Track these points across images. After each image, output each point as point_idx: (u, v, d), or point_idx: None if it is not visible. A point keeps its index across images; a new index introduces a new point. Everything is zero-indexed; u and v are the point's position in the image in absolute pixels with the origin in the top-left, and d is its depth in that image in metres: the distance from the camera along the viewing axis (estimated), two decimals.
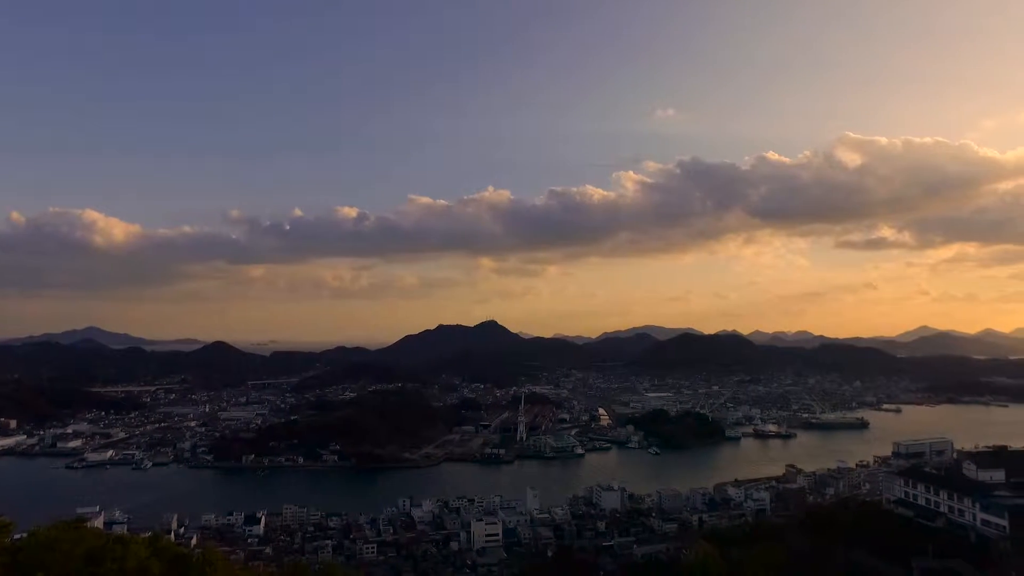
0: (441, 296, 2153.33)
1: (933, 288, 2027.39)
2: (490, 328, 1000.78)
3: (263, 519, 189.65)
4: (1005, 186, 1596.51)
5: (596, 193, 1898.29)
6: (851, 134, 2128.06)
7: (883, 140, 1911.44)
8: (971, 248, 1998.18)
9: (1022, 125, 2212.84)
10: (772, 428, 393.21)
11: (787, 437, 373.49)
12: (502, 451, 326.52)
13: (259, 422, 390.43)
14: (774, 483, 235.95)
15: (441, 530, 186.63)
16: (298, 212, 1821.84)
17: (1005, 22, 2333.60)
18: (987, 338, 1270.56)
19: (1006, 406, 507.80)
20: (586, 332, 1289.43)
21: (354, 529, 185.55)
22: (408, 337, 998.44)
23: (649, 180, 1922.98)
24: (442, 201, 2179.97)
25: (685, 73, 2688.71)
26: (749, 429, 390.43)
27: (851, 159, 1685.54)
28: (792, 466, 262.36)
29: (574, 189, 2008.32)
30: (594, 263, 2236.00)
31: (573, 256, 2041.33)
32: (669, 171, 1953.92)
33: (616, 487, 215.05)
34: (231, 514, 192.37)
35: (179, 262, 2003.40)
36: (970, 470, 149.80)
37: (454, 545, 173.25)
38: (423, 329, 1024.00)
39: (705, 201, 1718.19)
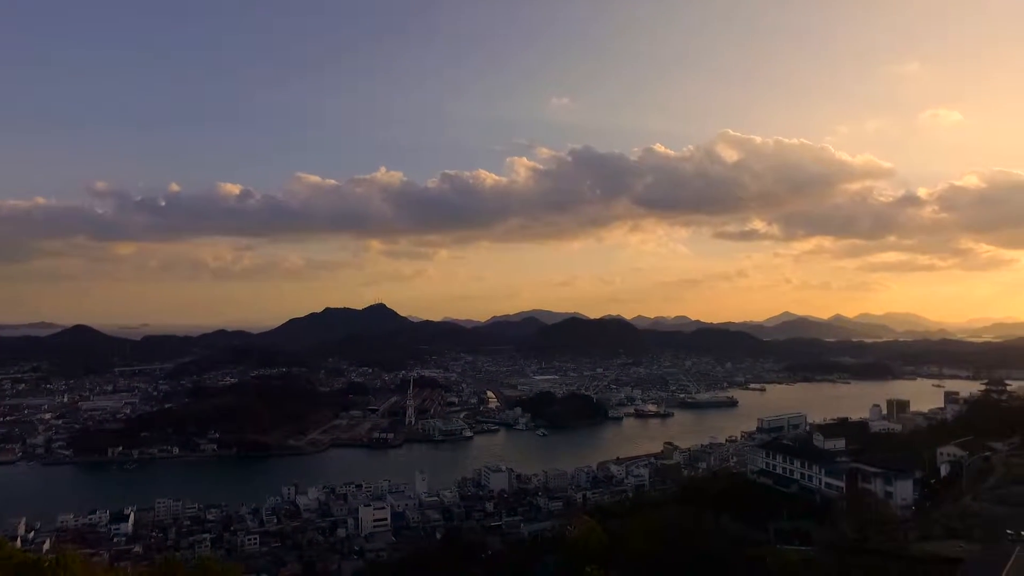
0: (329, 278, 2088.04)
1: (795, 277, 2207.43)
2: (379, 311, 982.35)
3: (132, 516, 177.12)
4: (854, 187, 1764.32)
5: (489, 178, 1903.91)
6: (731, 131, 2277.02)
7: (758, 139, 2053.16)
8: (827, 241, 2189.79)
9: (869, 132, 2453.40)
10: (651, 408, 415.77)
11: (665, 416, 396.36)
12: (391, 435, 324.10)
13: (128, 411, 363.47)
14: (653, 459, 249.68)
15: (328, 517, 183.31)
16: (175, 187, 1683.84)
17: (861, 36, 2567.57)
18: (836, 323, 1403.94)
19: (848, 383, 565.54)
20: (476, 316, 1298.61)
21: (235, 521, 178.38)
22: (293, 320, 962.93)
23: (541, 167, 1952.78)
24: (331, 180, 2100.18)
25: (581, 64, 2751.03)
26: (630, 409, 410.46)
27: (730, 155, 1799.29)
28: (669, 443, 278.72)
29: (467, 173, 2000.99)
30: (485, 247, 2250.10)
31: (464, 240, 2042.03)
32: (561, 159, 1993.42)
33: (504, 468, 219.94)
34: (94, 512, 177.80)
35: (33, 237, 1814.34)
36: (818, 440, 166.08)
37: (341, 532, 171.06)
38: (309, 312, 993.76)
39: (595, 189, 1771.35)
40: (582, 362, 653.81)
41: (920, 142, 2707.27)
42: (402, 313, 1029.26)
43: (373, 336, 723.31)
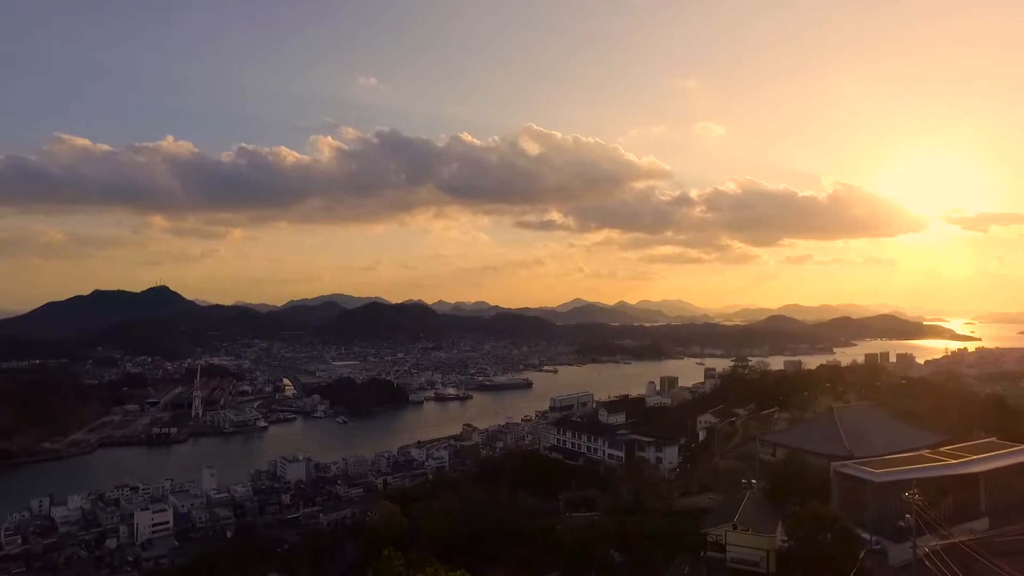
0: (99, 257, 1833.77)
1: (586, 266, 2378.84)
2: (161, 294, 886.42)
3: None
4: (640, 185, 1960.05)
5: (290, 155, 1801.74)
6: (534, 126, 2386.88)
7: (559, 135, 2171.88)
8: (615, 234, 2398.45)
9: (653, 137, 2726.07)
10: (451, 391, 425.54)
11: (465, 399, 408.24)
12: (174, 430, 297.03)
13: None
14: (453, 441, 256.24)
15: (94, 528, 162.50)
16: None
17: (653, 49, 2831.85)
18: (620, 308, 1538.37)
19: (630, 363, 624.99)
20: (271, 300, 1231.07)
21: None
22: (52, 304, 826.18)
23: (347, 147, 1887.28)
24: (104, 146, 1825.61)
25: (389, 44, 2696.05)
26: (431, 393, 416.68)
27: (532, 148, 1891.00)
28: (468, 425, 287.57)
29: (266, 149, 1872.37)
30: (283, 228, 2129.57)
31: (261, 219, 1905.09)
32: (367, 140, 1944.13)
33: (301, 458, 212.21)
34: None
35: None
36: (603, 416, 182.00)
37: (111, 543, 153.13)
38: (74, 295, 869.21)
39: (400, 173, 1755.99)
40: (383, 347, 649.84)
41: (693, 149, 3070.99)
42: (188, 296, 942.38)
43: (153, 322, 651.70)
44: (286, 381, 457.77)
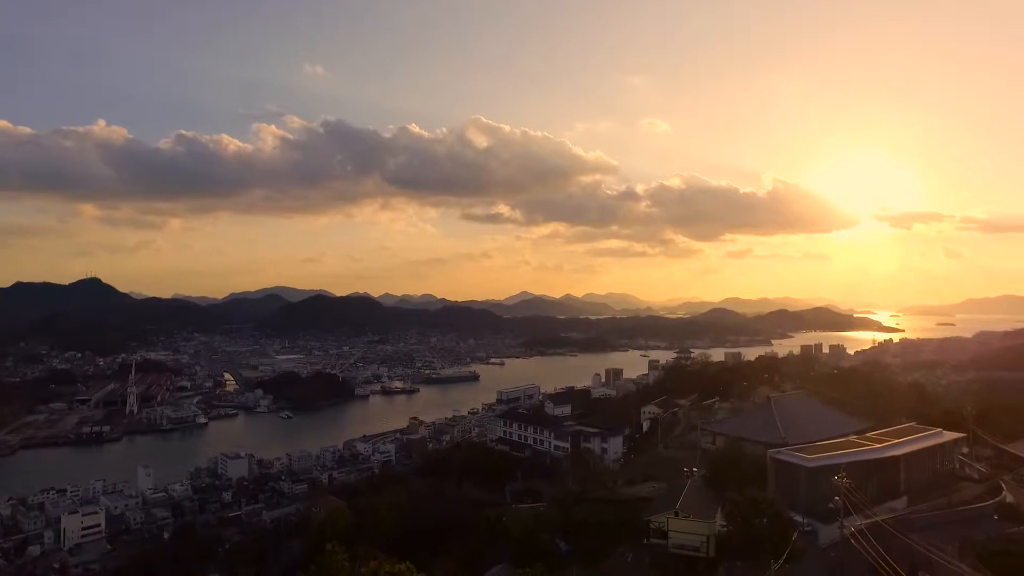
0: (21, 247, 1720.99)
1: (533, 259, 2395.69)
2: (92, 287, 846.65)
3: None
4: (587, 180, 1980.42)
5: (232, 144, 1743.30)
6: (482, 118, 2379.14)
7: (507, 128, 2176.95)
8: (562, 227, 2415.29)
9: (600, 132, 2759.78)
10: (398, 385, 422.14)
11: (411, 392, 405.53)
12: (106, 428, 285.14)
13: None
14: (399, 435, 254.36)
15: (14, 535, 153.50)
16: None
17: (601, 44, 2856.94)
18: (567, 301, 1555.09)
19: (576, 355, 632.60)
20: (212, 292, 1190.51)
21: None
22: None
23: (291, 137, 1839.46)
24: (27, 128, 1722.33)
25: (336, 32, 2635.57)
26: (377, 387, 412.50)
27: (480, 141, 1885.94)
28: (415, 418, 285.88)
29: (207, 137, 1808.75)
30: (225, 219, 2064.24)
31: (200, 209, 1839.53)
32: (313, 130, 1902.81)
33: (244, 454, 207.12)
34: None
35: None
36: (549, 408, 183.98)
37: (34, 549, 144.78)
38: None
39: (346, 164, 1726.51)
40: (328, 341, 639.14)
41: (639, 145, 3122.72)
42: (122, 289, 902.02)
43: (84, 315, 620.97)
44: (227, 376, 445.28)
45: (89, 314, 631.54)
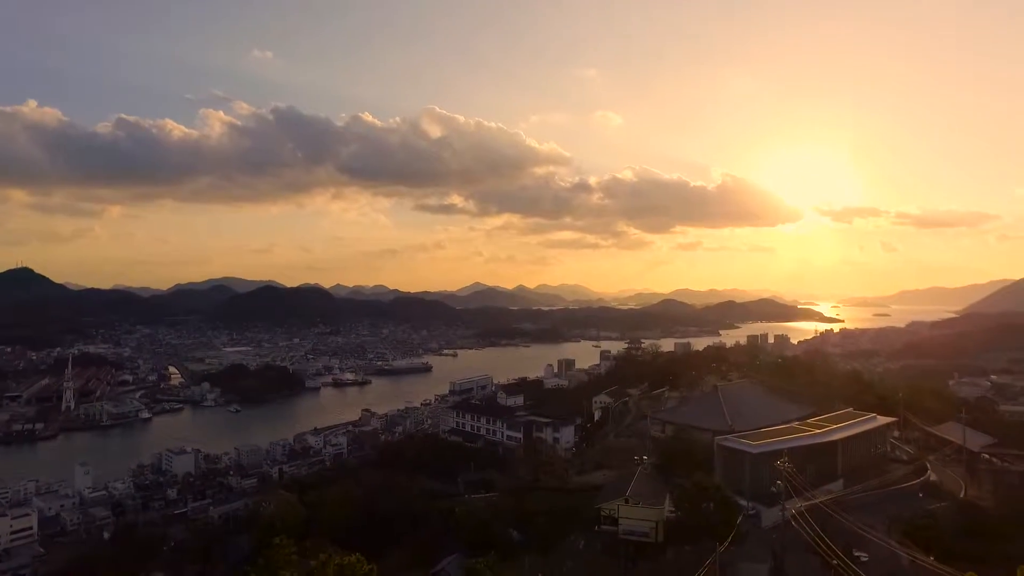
0: None
1: (486, 250, 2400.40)
2: (23, 277, 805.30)
3: None
4: (540, 171, 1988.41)
5: (177, 129, 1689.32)
6: (436, 108, 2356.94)
7: (461, 118, 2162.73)
8: (515, 219, 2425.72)
9: (554, 124, 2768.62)
10: (349, 376, 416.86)
11: (363, 384, 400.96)
12: (39, 425, 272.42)
13: None
14: (351, 427, 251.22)
15: None
16: None
17: (555, 37, 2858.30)
18: (519, 292, 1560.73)
19: (529, 346, 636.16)
20: (155, 283, 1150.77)
21: None
22: None
23: (239, 123, 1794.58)
24: None
25: (286, 15, 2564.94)
26: (328, 379, 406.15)
27: (434, 131, 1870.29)
28: (367, 410, 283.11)
29: (150, 121, 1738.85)
30: (169, 207, 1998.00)
31: (143, 197, 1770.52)
32: (262, 116, 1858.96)
33: (190, 449, 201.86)
34: None
35: None
36: (502, 398, 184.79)
37: None
38: None
39: (297, 152, 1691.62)
40: (278, 332, 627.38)
41: (592, 137, 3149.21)
42: (57, 280, 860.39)
43: (13, 307, 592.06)
44: (172, 369, 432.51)
45: (19, 306, 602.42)
